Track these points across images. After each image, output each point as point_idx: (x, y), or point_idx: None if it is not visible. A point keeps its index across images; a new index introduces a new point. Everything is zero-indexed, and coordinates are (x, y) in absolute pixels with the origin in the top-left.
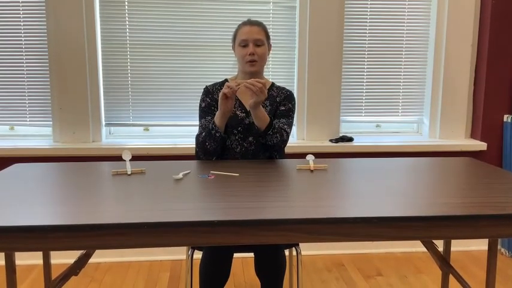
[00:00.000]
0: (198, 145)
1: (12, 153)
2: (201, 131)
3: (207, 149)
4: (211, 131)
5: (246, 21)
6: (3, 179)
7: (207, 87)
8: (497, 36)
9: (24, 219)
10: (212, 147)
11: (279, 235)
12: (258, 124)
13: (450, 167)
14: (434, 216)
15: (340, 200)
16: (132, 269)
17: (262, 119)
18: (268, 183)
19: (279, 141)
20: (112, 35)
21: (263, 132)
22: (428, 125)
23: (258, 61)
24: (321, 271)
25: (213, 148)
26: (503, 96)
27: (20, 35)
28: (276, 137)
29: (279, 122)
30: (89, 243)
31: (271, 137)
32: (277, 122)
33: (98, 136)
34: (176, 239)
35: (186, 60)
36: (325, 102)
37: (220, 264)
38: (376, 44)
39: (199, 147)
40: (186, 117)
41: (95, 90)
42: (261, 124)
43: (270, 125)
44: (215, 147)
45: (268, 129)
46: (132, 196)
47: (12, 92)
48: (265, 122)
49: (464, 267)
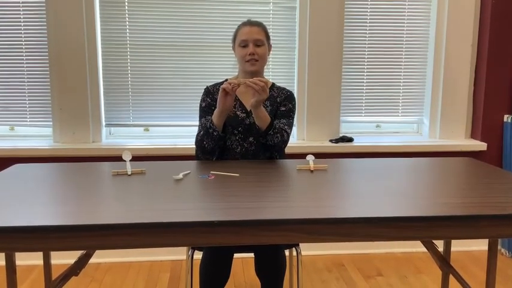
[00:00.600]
0: (196, 143)
1: (12, 154)
2: (200, 130)
3: (204, 147)
4: (208, 129)
5: (246, 22)
6: (4, 179)
7: (207, 87)
8: (497, 36)
9: (24, 219)
10: (210, 146)
11: (279, 235)
12: (258, 124)
13: (450, 167)
14: (435, 217)
15: (340, 200)
16: (133, 269)
17: (263, 119)
18: (268, 184)
19: (280, 142)
20: (112, 36)
21: (264, 132)
22: (428, 125)
23: (259, 61)
24: (321, 271)
25: (211, 147)
26: (503, 97)
27: (20, 35)
28: (277, 137)
29: (280, 123)
30: (89, 244)
31: (272, 137)
32: (277, 122)
33: (98, 136)
34: (176, 239)
35: (186, 60)
36: (325, 103)
37: (221, 264)
38: (376, 44)
39: (197, 146)
40: (186, 118)
41: (95, 90)
42: (261, 124)
43: (270, 125)
44: (213, 146)
45: (269, 129)
46: (132, 196)
47: (13, 93)
48: (266, 121)
49: (464, 267)
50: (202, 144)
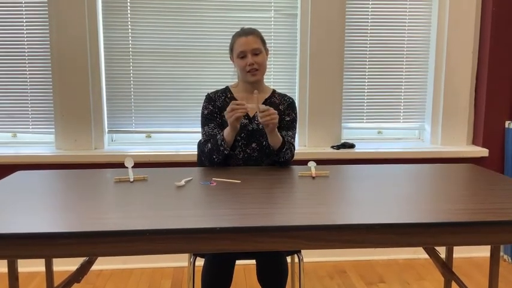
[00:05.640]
0: (203, 154)
1: (15, 161)
2: (205, 139)
3: (213, 161)
4: (220, 146)
5: (240, 32)
6: (6, 186)
7: (209, 94)
8: (498, 42)
9: (26, 226)
10: (219, 160)
11: (281, 242)
12: (273, 144)
13: (452, 174)
14: (437, 223)
15: (342, 206)
16: (134, 276)
17: (277, 140)
18: (270, 190)
19: (290, 157)
20: (115, 43)
21: (277, 150)
22: (430, 131)
23: (259, 69)
24: (323, 278)
25: (219, 160)
26: (505, 103)
27: (23, 42)
28: (287, 153)
29: (287, 136)
30: (91, 250)
31: (284, 154)
32: (285, 135)
33: (100, 143)
34: (178, 246)
35: (188, 67)
36: (327, 109)
37: (222, 271)
38: (377, 50)
39: (205, 157)
40: (188, 124)
41: (97, 97)
42: (276, 144)
43: (283, 143)
44: (221, 159)
45: (283, 147)
46: (135, 203)
47: (15, 99)
48: (279, 141)
49: (466, 273)
50: (211, 157)
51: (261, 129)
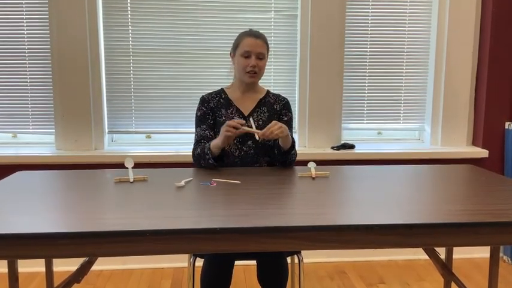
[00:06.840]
0: (193, 157)
1: (15, 161)
2: (196, 141)
3: (201, 165)
4: (205, 155)
5: (250, 33)
6: (6, 187)
7: (203, 96)
8: (498, 43)
9: (26, 226)
10: (206, 165)
11: (281, 242)
12: (283, 145)
13: (452, 174)
14: (437, 224)
15: (342, 207)
16: (134, 276)
17: (288, 142)
18: (270, 191)
19: (295, 158)
20: (115, 44)
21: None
22: (429, 132)
23: (258, 73)
24: (323, 279)
25: (207, 166)
26: (505, 104)
27: (23, 43)
28: (294, 155)
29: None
30: (92, 251)
31: (291, 156)
32: None
33: (101, 143)
34: (178, 246)
35: (188, 68)
36: (327, 110)
37: (222, 271)
38: (377, 51)
39: (194, 160)
40: (189, 125)
41: (98, 97)
42: (286, 145)
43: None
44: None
45: (292, 148)
46: (135, 203)
47: (15, 100)
48: (290, 142)
49: (466, 274)
50: (199, 162)
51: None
